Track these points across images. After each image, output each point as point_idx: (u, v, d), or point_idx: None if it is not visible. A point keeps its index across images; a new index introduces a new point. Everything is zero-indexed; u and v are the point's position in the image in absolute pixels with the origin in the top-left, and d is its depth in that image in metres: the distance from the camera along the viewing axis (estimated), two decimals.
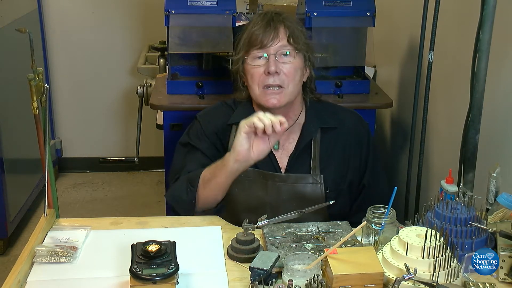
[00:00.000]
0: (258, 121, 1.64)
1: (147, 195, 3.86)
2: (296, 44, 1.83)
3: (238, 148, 1.68)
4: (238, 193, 1.87)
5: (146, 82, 3.13)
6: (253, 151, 1.68)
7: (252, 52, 1.83)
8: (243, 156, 1.68)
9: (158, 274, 1.29)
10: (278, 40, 1.81)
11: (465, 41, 2.06)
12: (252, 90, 1.86)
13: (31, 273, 1.46)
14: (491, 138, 1.98)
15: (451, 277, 1.34)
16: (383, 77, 3.24)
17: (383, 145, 3.18)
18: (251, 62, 1.84)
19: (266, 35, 1.81)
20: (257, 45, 1.82)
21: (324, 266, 1.39)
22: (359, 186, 1.94)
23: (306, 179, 1.86)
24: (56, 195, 1.73)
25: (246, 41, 1.84)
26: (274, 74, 1.80)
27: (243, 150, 1.68)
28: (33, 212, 3.51)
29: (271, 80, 1.81)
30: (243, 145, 1.67)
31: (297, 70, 1.84)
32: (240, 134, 1.67)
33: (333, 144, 1.92)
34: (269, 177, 1.87)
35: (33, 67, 1.56)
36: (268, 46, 1.81)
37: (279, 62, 1.81)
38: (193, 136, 1.94)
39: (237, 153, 1.68)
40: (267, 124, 1.63)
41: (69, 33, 3.89)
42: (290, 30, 1.83)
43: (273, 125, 1.63)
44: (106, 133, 4.12)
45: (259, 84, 1.83)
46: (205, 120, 1.96)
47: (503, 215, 1.54)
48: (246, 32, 1.86)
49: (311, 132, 1.90)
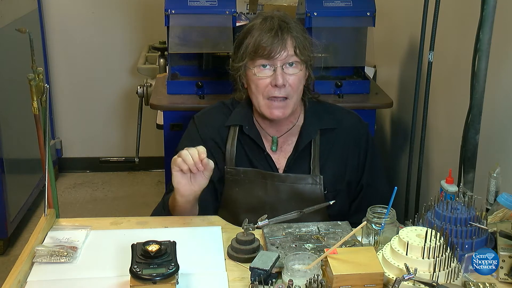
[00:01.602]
0: (182, 162, 1.63)
1: (147, 195, 3.86)
2: (302, 56, 1.81)
3: (177, 186, 1.68)
4: (238, 193, 1.88)
5: (146, 82, 3.13)
6: (193, 184, 1.68)
7: (257, 61, 1.80)
8: (185, 191, 1.69)
9: (158, 274, 1.29)
10: (286, 52, 1.79)
11: (465, 41, 2.06)
12: (256, 99, 1.84)
13: (31, 273, 1.45)
14: (491, 138, 1.98)
15: (451, 277, 1.34)
16: (383, 77, 3.24)
17: (383, 145, 3.18)
18: (257, 72, 1.81)
19: (274, 46, 1.77)
20: (264, 56, 1.78)
21: (324, 266, 1.39)
22: (358, 186, 1.94)
23: (305, 179, 1.86)
24: (56, 195, 1.73)
25: (252, 49, 1.80)
26: (281, 87, 1.79)
27: (182, 186, 1.68)
28: (33, 212, 3.51)
29: (277, 92, 1.80)
30: (181, 181, 1.67)
31: (301, 81, 1.84)
32: (172, 173, 1.67)
33: (332, 145, 1.91)
34: (268, 177, 1.87)
35: (33, 67, 1.56)
36: (275, 58, 1.78)
37: (285, 74, 1.79)
38: (188, 143, 1.89)
39: (178, 190, 1.69)
40: (190, 164, 1.63)
41: (69, 33, 3.89)
42: (297, 41, 1.80)
43: (195, 165, 1.63)
44: (106, 133, 4.12)
45: (264, 95, 1.82)
46: (202, 123, 1.95)
47: (503, 215, 1.54)
48: (252, 39, 1.80)
49: (310, 134, 1.90)
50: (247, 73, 1.84)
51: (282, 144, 1.92)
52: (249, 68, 1.83)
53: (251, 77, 1.83)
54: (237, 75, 1.87)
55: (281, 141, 1.91)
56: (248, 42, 1.81)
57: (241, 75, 1.86)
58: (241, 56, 1.84)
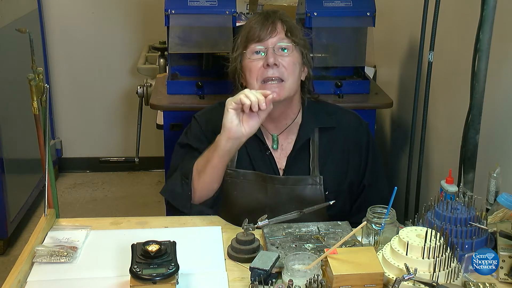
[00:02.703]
0: (245, 97, 1.64)
1: (147, 195, 3.86)
2: (294, 37, 1.82)
3: (228, 125, 1.67)
4: (237, 196, 1.87)
5: (146, 82, 3.13)
6: (244, 126, 1.68)
7: (250, 47, 1.82)
8: (234, 133, 1.68)
9: (158, 274, 1.29)
10: (276, 33, 1.81)
11: (465, 41, 2.06)
12: (251, 85, 1.82)
13: (31, 273, 1.46)
14: (491, 138, 1.98)
15: (451, 277, 1.34)
16: (383, 77, 3.24)
17: (383, 145, 3.18)
18: (249, 56, 1.82)
19: (264, 29, 1.81)
20: (255, 39, 1.81)
21: (324, 266, 1.39)
22: (360, 187, 1.93)
23: (305, 180, 1.85)
24: (56, 195, 1.73)
25: (244, 37, 1.84)
26: (273, 66, 1.78)
27: (234, 126, 1.67)
28: (33, 212, 3.51)
29: (270, 73, 1.79)
30: (233, 121, 1.67)
31: (295, 64, 1.83)
32: (227, 111, 1.66)
33: (332, 144, 1.91)
34: (268, 180, 1.86)
35: (33, 67, 1.56)
36: (266, 39, 1.80)
37: (277, 55, 1.80)
38: (191, 137, 1.92)
39: (228, 130, 1.67)
40: (253, 101, 1.63)
41: (69, 33, 3.89)
42: (287, 25, 1.83)
43: (259, 103, 1.64)
44: (106, 133, 4.13)
45: (258, 78, 1.81)
46: (204, 120, 1.95)
47: (503, 215, 1.54)
48: (243, 29, 1.86)
49: (307, 132, 1.89)
50: (242, 64, 1.85)
51: (282, 141, 1.91)
52: (244, 56, 1.84)
53: (245, 65, 1.84)
54: (236, 74, 1.87)
55: (281, 138, 1.91)
56: (242, 33, 1.86)
57: (239, 70, 1.86)
58: (236, 47, 1.86)
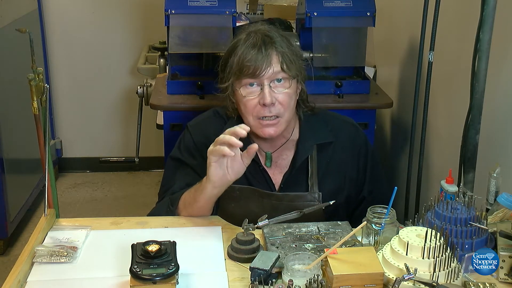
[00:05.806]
0: (222, 146, 1.56)
1: (147, 195, 3.86)
2: (290, 71, 1.74)
3: (213, 178, 1.62)
4: (234, 209, 1.83)
5: (146, 82, 3.13)
6: (229, 173, 1.62)
7: (243, 81, 1.75)
8: (220, 182, 1.63)
9: (158, 274, 1.29)
10: (271, 68, 1.72)
11: (465, 41, 2.06)
12: (246, 119, 1.78)
13: (31, 273, 1.46)
14: (491, 138, 1.98)
15: (451, 277, 1.34)
16: (383, 77, 3.24)
17: (383, 145, 3.18)
18: (243, 93, 1.75)
19: (259, 64, 1.71)
20: (249, 74, 1.72)
21: (324, 266, 1.39)
22: (358, 199, 1.91)
23: (304, 197, 1.81)
24: (56, 195, 1.73)
25: (237, 68, 1.74)
26: (270, 105, 1.73)
27: (219, 178, 1.62)
28: (33, 212, 3.51)
29: (267, 112, 1.74)
30: (218, 173, 1.61)
31: (291, 97, 1.77)
32: (210, 165, 1.61)
33: (329, 159, 1.87)
34: (265, 196, 1.83)
35: (33, 67, 1.56)
36: (261, 75, 1.72)
37: (273, 92, 1.73)
38: (184, 151, 1.88)
39: (213, 182, 1.63)
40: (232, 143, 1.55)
41: (69, 33, 3.89)
42: (282, 56, 1.74)
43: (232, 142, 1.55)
44: (106, 133, 4.13)
45: (254, 115, 1.76)
46: (197, 132, 1.90)
47: (503, 215, 1.54)
48: (235, 57, 1.75)
49: (307, 150, 1.85)
50: (235, 93, 1.79)
51: (276, 158, 1.88)
52: (236, 89, 1.77)
53: (239, 97, 1.78)
54: (226, 95, 1.81)
55: (275, 155, 1.87)
56: (233, 61, 1.75)
57: (230, 96, 1.80)
58: (227, 76, 1.79)
